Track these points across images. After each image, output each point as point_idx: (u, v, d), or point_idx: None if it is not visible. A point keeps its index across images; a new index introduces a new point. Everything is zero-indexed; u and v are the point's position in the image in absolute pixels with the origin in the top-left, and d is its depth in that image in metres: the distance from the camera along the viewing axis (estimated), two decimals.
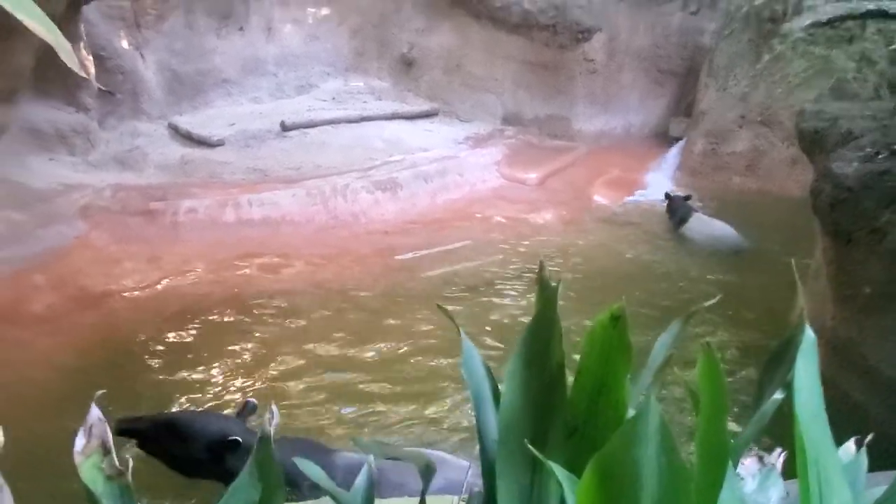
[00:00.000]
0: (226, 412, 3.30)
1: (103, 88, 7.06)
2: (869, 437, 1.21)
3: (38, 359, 4.24)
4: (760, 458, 1.47)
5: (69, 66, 0.79)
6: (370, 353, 4.51)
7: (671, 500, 0.68)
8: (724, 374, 0.79)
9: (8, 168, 6.09)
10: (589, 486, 0.71)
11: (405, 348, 4.56)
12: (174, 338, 4.60)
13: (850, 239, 3.60)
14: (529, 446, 0.88)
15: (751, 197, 8.13)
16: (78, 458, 0.90)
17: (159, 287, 5.40)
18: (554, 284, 1.12)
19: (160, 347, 4.50)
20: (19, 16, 0.70)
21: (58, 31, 0.77)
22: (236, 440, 2.52)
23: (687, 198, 7.29)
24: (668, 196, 7.32)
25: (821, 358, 3.49)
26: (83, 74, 0.82)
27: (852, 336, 3.84)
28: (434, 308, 5.09)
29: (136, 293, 5.27)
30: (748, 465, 1.44)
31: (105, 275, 5.43)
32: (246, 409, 2.81)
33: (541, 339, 1.10)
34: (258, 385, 4.13)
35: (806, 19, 4.25)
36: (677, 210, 7.12)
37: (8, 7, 0.67)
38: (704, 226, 6.91)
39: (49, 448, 3.19)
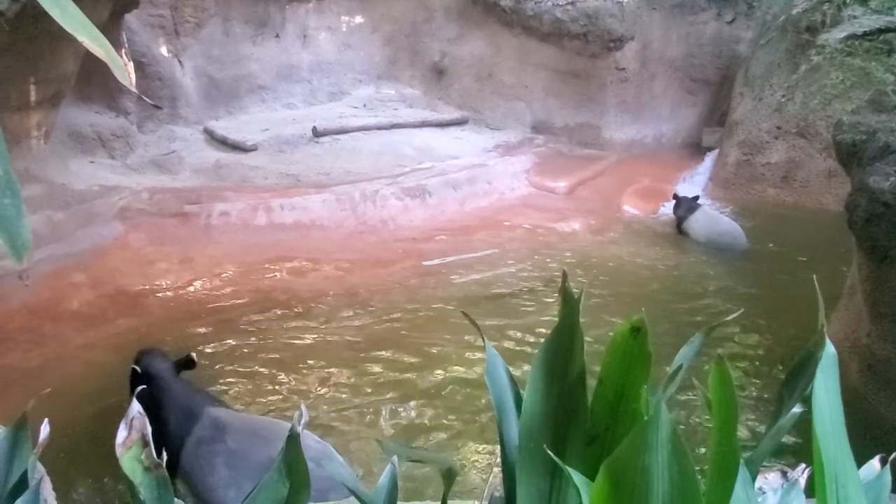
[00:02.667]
0: None
1: (150, 101, 7.28)
2: (894, 456, 1.20)
3: (75, 354, 4.38)
4: (784, 473, 1.46)
5: (122, 82, 0.84)
6: (396, 358, 4.55)
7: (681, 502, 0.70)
8: (734, 386, 0.81)
9: (51, 169, 6.30)
10: (601, 490, 0.73)
11: (431, 353, 4.59)
12: (204, 337, 4.71)
13: (887, 255, 3.53)
14: (548, 451, 0.90)
15: (786, 210, 7.99)
16: (119, 450, 0.95)
17: (191, 288, 5.53)
18: (576, 295, 1.14)
19: (190, 346, 4.60)
20: (80, 37, 0.75)
21: (111, 47, 0.83)
22: (134, 369, 3.12)
23: (695, 198, 7.30)
24: (675, 196, 7.35)
25: (856, 376, 3.42)
26: (134, 90, 0.87)
27: (889, 355, 3.76)
28: (460, 314, 5.12)
29: (170, 293, 5.40)
30: (771, 479, 1.44)
31: (141, 274, 5.58)
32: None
33: (562, 347, 1.12)
34: (284, 384, 4.20)
35: (842, 31, 4.18)
36: (682, 204, 7.12)
37: (69, 28, 0.72)
38: (710, 221, 6.89)
39: (81, 440, 3.30)
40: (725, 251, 6.62)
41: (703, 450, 3.04)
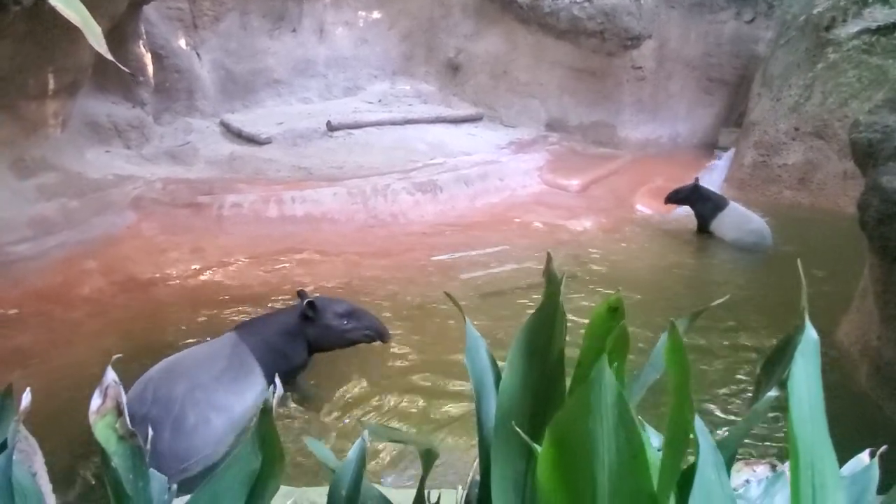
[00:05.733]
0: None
1: (127, 70, 6.97)
2: (883, 449, 1.18)
3: (84, 339, 4.42)
4: (773, 466, 1.44)
5: (97, 49, 0.84)
6: (402, 351, 4.54)
7: (628, 473, 0.69)
8: (686, 354, 0.79)
9: (67, 158, 6.39)
10: (547, 454, 0.72)
11: (437, 347, 4.58)
12: (212, 326, 4.74)
13: None
14: (518, 430, 0.89)
15: (802, 212, 7.88)
16: (93, 418, 0.96)
17: (201, 277, 5.57)
18: (559, 277, 1.13)
19: (199, 334, 4.64)
20: (53, 2, 0.76)
21: (88, 14, 0.83)
22: (311, 301, 3.79)
23: (695, 180, 7.03)
24: (694, 189, 6.96)
25: (865, 379, 3.34)
26: (110, 57, 0.88)
27: None
28: (468, 309, 5.11)
29: (179, 282, 5.45)
30: (760, 471, 1.42)
31: (152, 263, 5.64)
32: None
33: (544, 330, 1.11)
34: None
35: (856, 26, 4.10)
36: (710, 200, 6.80)
37: None
38: (741, 219, 6.68)
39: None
40: (751, 251, 6.49)
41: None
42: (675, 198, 7.07)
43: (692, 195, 6.99)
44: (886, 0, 5.51)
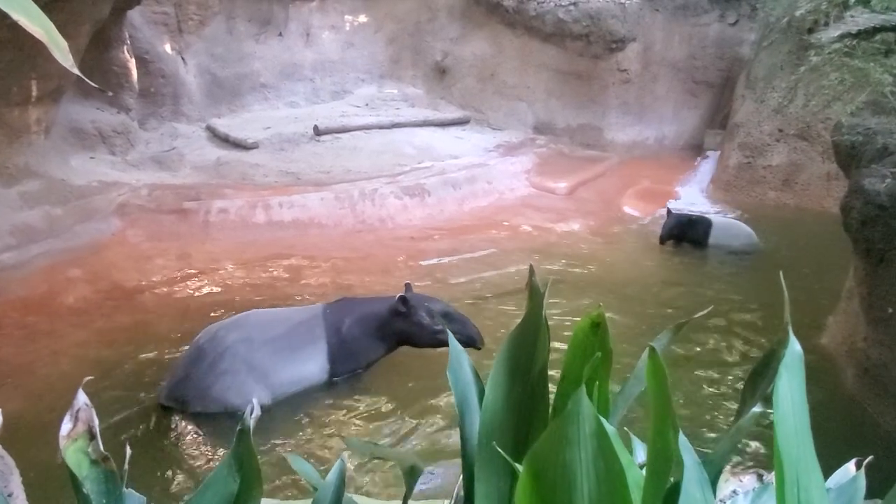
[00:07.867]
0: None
1: (93, 84, 7.20)
2: (868, 459, 1.17)
3: (68, 349, 4.36)
4: (760, 476, 1.43)
5: (63, 64, 0.82)
6: (394, 358, 4.51)
7: (608, 502, 0.67)
8: (667, 380, 0.78)
9: (50, 165, 6.31)
10: (524, 485, 0.70)
11: (423, 355, 4.55)
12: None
13: (883, 258, 3.49)
14: (499, 450, 0.87)
15: (787, 213, 7.94)
16: (63, 442, 0.93)
17: (188, 284, 5.52)
18: (542, 290, 1.12)
19: (185, 342, 4.58)
20: (16, 17, 0.73)
21: (53, 28, 0.80)
22: (403, 296, 3.83)
23: (669, 211, 6.92)
24: (682, 220, 6.76)
25: (851, 381, 3.34)
26: (76, 72, 0.85)
27: (884, 359, 3.71)
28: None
29: (166, 289, 5.39)
30: (747, 482, 1.41)
31: (137, 270, 5.58)
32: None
33: (527, 343, 1.10)
34: None
35: (836, 30, 4.15)
36: (698, 223, 6.69)
37: (3, 7, 0.70)
38: (735, 228, 6.75)
39: None
40: (750, 254, 6.54)
41: None
42: (669, 235, 6.80)
43: (682, 228, 6.74)
44: (867, 3, 5.55)
